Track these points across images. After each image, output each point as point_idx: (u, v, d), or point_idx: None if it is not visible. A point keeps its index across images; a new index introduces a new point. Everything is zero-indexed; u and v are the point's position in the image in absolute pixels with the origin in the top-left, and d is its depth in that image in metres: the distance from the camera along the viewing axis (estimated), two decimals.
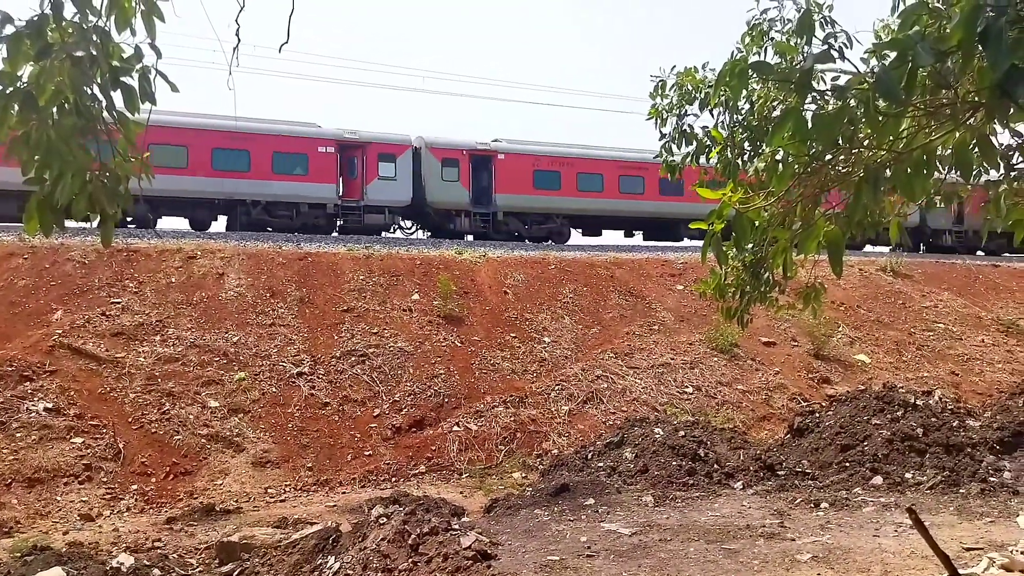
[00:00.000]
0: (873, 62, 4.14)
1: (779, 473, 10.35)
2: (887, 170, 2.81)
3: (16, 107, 2.78)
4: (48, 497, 10.00)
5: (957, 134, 2.78)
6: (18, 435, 10.76)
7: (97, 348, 13.07)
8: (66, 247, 15.83)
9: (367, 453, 12.39)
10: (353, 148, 24.19)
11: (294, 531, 8.43)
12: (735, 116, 5.25)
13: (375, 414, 13.23)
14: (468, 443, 12.79)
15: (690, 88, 5.87)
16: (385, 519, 7.14)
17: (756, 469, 10.43)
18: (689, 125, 6.07)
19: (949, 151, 3.01)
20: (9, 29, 2.74)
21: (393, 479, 11.84)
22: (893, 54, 2.42)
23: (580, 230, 28.73)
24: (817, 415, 12.10)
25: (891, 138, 2.90)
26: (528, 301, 17.68)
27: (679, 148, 6.16)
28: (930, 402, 11.73)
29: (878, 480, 9.53)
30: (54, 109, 2.86)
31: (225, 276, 16.20)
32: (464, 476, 12.02)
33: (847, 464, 10.13)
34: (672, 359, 16.11)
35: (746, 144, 5.33)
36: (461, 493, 10.98)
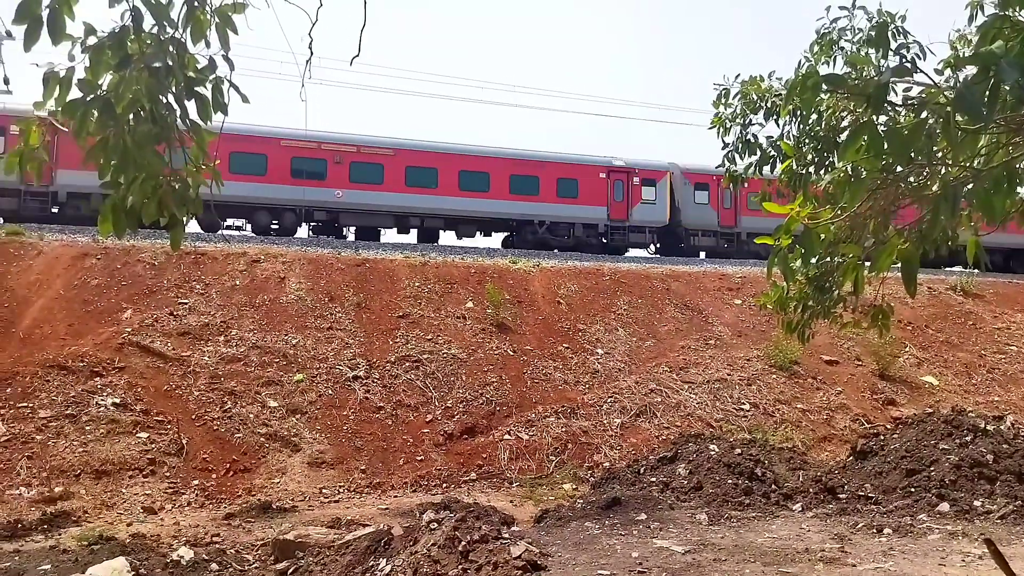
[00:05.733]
0: (947, 73, 4.00)
1: (840, 496, 10.02)
2: (966, 187, 2.70)
3: (95, 114, 2.89)
4: (114, 489, 10.36)
5: None
6: (87, 428, 11.19)
7: (164, 347, 13.51)
8: (137, 249, 16.44)
9: (419, 458, 12.48)
10: None
11: (347, 532, 8.54)
12: (804, 127, 5.14)
13: (428, 419, 13.33)
14: (519, 452, 12.77)
15: (755, 97, 5.77)
16: (436, 524, 7.17)
17: (816, 491, 10.13)
18: (753, 135, 5.97)
19: None
20: (92, 40, 2.86)
21: (444, 485, 11.89)
22: (973, 68, 2.33)
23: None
24: (882, 438, 11.69)
25: (969, 154, 2.79)
26: (581, 311, 17.59)
27: (742, 158, 6.06)
28: (1001, 427, 11.22)
29: (945, 507, 9.14)
30: (131, 116, 2.97)
31: (286, 280, 16.59)
32: (514, 485, 12.00)
33: (912, 489, 9.75)
34: (729, 375, 15.79)
35: (811, 155, 5.21)
36: (511, 502, 10.96)
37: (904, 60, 4.63)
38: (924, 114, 2.64)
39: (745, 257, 25.77)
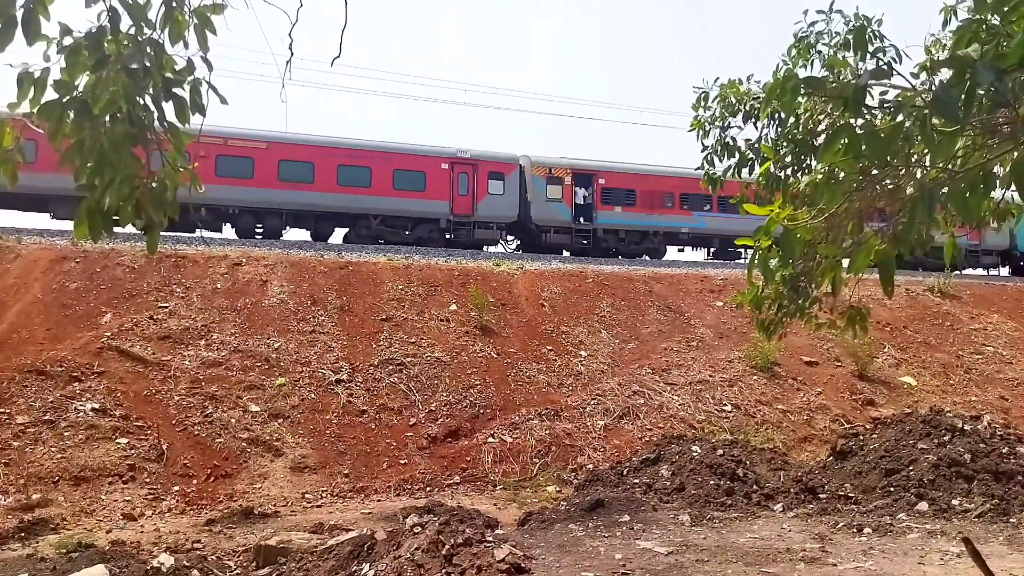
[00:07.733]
0: (923, 76, 4.05)
1: (821, 496, 10.10)
2: (942, 189, 2.74)
3: (71, 115, 2.86)
4: (93, 496, 10.22)
5: (1015, 153, 2.70)
6: (66, 434, 11.04)
7: (144, 351, 13.36)
8: (116, 252, 16.25)
9: (403, 462, 12.43)
10: None
11: (330, 537, 8.49)
12: (781, 130, 5.18)
13: (411, 423, 13.28)
14: (503, 455, 12.75)
15: (733, 100, 5.82)
16: (419, 528, 7.14)
17: (797, 491, 10.21)
18: (732, 137, 6.01)
19: (1006, 170, 2.92)
20: (68, 40, 2.83)
21: (428, 488, 11.85)
22: (949, 71, 2.36)
23: None
24: (861, 438, 11.80)
25: (946, 156, 2.82)
26: (565, 314, 17.61)
27: (721, 160, 6.10)
28: (978, 427, 11.36)
29: (924, 506, 9.24)
30: (107, 118, 2.93)
31: (268, 283, 16.47)
32: (498, 488, 11.98)
33: (892, 489, 9.84)
34: (710, 376, 15.88)
35: (788, 158, 5.25)
36: (495, 505, 10.94)
37: (881, 63, 4.69)
38: (901, 117, 2.67)
39: None
